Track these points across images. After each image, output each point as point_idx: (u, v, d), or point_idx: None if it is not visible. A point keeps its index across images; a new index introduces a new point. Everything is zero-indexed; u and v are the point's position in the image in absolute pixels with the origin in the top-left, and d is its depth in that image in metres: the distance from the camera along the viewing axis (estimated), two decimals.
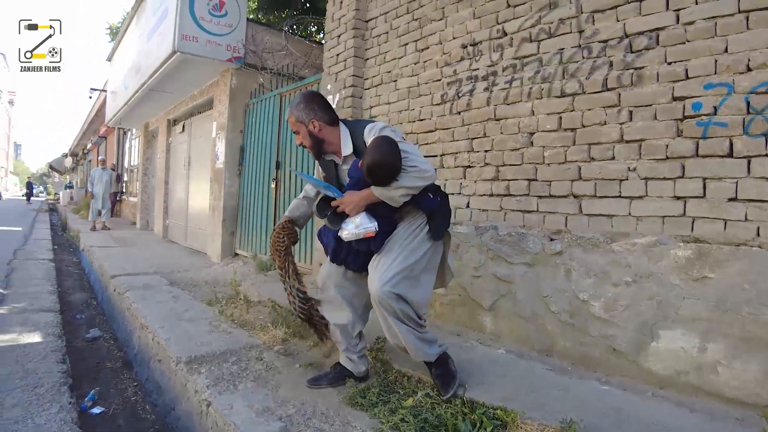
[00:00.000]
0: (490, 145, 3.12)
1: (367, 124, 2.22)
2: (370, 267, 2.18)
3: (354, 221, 2.11)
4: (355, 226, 2.10)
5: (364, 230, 2.09)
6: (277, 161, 5.79)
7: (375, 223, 2.10)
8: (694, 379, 2.15)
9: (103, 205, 10.78)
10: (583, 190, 2.63)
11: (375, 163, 2.00)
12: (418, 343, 2.18)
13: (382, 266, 2.11)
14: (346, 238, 2.14)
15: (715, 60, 2.18)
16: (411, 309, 2.12)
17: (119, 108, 10.32)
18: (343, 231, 2.14)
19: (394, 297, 2.06)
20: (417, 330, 2.17)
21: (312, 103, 2.27)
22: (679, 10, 2.31)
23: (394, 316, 2.11)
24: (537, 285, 2.76)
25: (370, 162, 2.01)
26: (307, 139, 2.29)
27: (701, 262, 2.15)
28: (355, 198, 2.12)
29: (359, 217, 2.11)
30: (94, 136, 21.27)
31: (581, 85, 2.67)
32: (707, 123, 2.19)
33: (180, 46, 5.98)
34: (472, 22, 3.28)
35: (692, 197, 2.23)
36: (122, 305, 4.44)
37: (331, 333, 2.45)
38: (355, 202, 2.12)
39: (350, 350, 2.40)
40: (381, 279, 2.07)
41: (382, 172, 2.01)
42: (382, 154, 2.00)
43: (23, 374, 2.80)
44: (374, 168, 2.01)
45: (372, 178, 2.04)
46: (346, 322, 2.36)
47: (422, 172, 2.04)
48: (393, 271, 2.08)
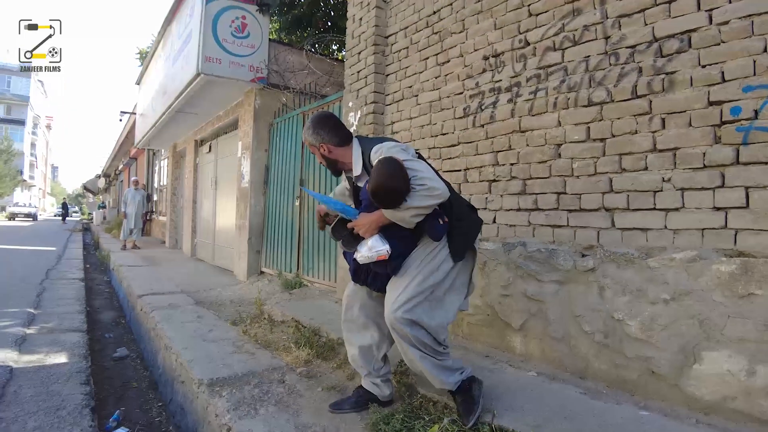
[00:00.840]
0: (515, 158, 3.03)
1: (376, 144, 2.15)
2: (387, 289, 2.11)
3: (367, 244, 2.05)
4: (368, 249, 2.04)
5: (376, 253, 2.01)
6: (301, 179, 5.79)
7: (387, 245, 2.02)
8: (743, 405, 1.99)
9: (134, 225, 10.99)
10: (615, 202, 2.51)
11: (376, 186, 1.94)
12: (435, 370, 2.09)
13: (397, 290, 2.05)
14: (361, 261, 2.08)
15: (753, 60, 2.05)
16: (427, 335, 2.04)
17: (148, 130, 10.56)
18: (358, 254, 2.09)
19: (407, 323, 1.99)
20: (434, 357, 2.08)
21: (318, 128, 2.25)
22: (711, 10, 2.19)
23: (408, 342, 2.04)
24: (569, 304, 2.63)
25: (371, 186, 1.96)
26: (323, 160, 2.32)
27: (747, 277, 2.00)
28: (367, 220, 2.06)
29: (372, 239, 2.04)
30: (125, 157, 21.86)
31: (609, 93, 2.56)
32: (748, 128, 2.06)
33: (204, 68, 6.08)
34: (494, 33, 3.21)
35: (734, 208, 2.08)
36: (148, 325, 4.45)
37: (351, 360, 2.38)
38: (367, 224, 2.06)
39: (373, 374, 2.32)
40: (394, 304, 2.01)
41: (385, 195, 1.95)
42: (382, 177, 1.93)
43: (47, 396, 2.80)
44: (376, 192, 1.95)
45: (377, 202, 1.98)
46: (370, 343, 2.29)
47: (431, 190, 1.94)
48: (407, 294, 2.01)
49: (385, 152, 2.03)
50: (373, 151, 2.11)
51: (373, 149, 2.12)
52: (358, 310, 2.31)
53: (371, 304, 2.30)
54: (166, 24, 8.54)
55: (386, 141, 2.17)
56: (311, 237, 5.54)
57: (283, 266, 6.11)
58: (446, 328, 2.12)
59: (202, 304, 5.02)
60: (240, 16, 6.39)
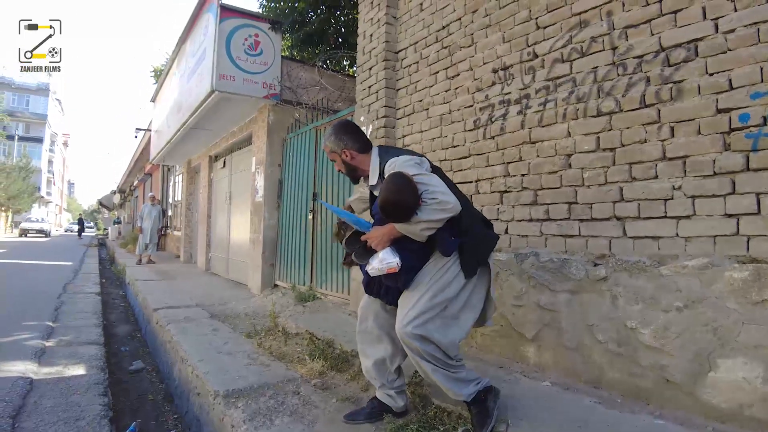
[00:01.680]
0: (526, 168, 3.05)
1: (394, 155, 2.19)
2: (399, 303, 2.14)
3: (378, 256, 2.06)
4: (378, 261, 2.05)
5: (386, 265, 2.03)
6: (314, 193, 5.85)
7: (397, 258, 2.03)
8: (760, 413, 1.97)
9: (150, 240, 11.15)
10: (626, 211, 2.52)
11: (384, 201, 1.98)
12: (449, 382, 2.09)
13: (407, 305, 2.06)
14: (372, 273, 2.10)
15: (761, 67, 2.07)
16: (438, 350, 2.05)
17: (163, 146, 10.73)
18: (369, 266, 2.10)
19: (417, 338, 2.00)
20: (446, 369, 2.08)
21: (341, 133, 2.31)
22: (717, 18, 2.22)
23: (419, 356, 2.05)
24: (582, 313, 2.63)
25: (380, 200, 2.00)
26: (343, 167, 2.36)
27: (760, 283, 1.99)
28: (379, 233, 2.09)
29: (383, 252, 2.06)
30: (140, 173, 22.18)
31: (618, 103, 2.58)
32: (757, 134, 2.07)
33: (218, 85, 6.20)
34: (502, 46, 3.26)
35: (746, 214, 2.09)
36: (164, 338, 4.50)
37: (365, 371, 2.38)
38: (379, 236, 2.08)
39: (387, 386, 2.32)
40: (404, 318, 2.03)
41: (393, 210, 1.98)
42: (390, 192, 1.97)
43: (66, 407, 2.86)
44: (385, 206, 1.99)
45: (385, 216, 2.02)
46: (383, 356, 2.30)
47: (443, 204, 1.97)
48: (418, 310, 2.02)
49: (398, 167, 2.07)
50: (387, 164, 2.15)
51: (388, 162, 2.15)
52: (372, 322, 2.33)
53: (385, 317, 2.31)
54: (180, 43, 8.73)
55: (403, 154, 2.20)
56: (324, 250, 5.58)
57: (297, 279, 6.15)
58: (458, 344, 2.12)
59: (216, 317, 5.06)
60: (253, 34, 6.52)
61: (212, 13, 6.51)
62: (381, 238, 2.07)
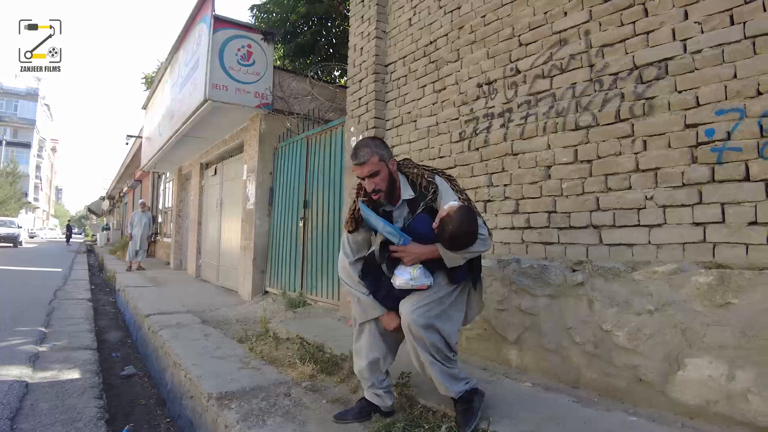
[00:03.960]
0: (508, 179, 3.19)
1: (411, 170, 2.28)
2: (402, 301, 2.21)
3: (411, 273, 2.13)
4: (411, 278, 2.13)
5: (419, 284, 2.12)
6: (304, 201, 5.96)
7: (431, 279, 2.15)
8: (725, 409, 2.11)
9: (140, 246, 11.15)
10: (602, 220, 2.66)
11: (464, 233, 2.05)
12: (443, 377, 2.19)
13: (412, 296, 2.17)
14: (398, 287, 2.17)
15: (725, 86, 2.22)
16: (441, 339, 2.15)
17: (154, 153, 10.78)
18: (396, 279, 2.16)
19: (424, 326, 2.09)
20: (443, 363, 2.18)
21: (381, 144, 2.27)
22: (685, 39, 2.38)
23: (422, 346, 2.13)
24: (561, 317, 2.76)
25: (457, 231, 2.05)
26: (385, 182, 2.22)
27: (724, 287, 2.13)
28: (418, 251, 2.15)
29: (417, 269, 2.14)
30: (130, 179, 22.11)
31: (595, 117, 2.73)
32: (721, 148, 2.22)
33: (211, 94, 6.31)
34: (487, 62, 3.41)
35: (712, 223, 2.23)
36: (156, 343, 4.55)
37: (358, 371, 2.44)
38: (417, 255, 2.15)
39: (376, 386, 2.41)
40: (413, 306, 2.11)
41: (464, 239, 2.07)
42: (470, 225, 2.06)
43: (63, 409, 2.92)
44: (461, 238, 2.06)
45: (453, 245, 2.09)
46: (378, 357, 2.36)
47: (486, 239, 2.13)
48: (425, 300, 2.13)
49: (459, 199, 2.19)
50: (443, 191, 2.22)
51: (443, 188, 2.23)
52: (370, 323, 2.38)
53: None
54: (173, 52, 8.82)
55: (433, 175, 2.28)
56: (315, 257, 5.68)
57: (287, 286, 6.24)
58: (456, 334, 2.25)
59: (208, 323, 5.12)
60: (246, 45, 6.64)
61: (206, 24, 6.63)
62: (419, 257, 2.15)
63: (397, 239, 2.15)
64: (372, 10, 4.57)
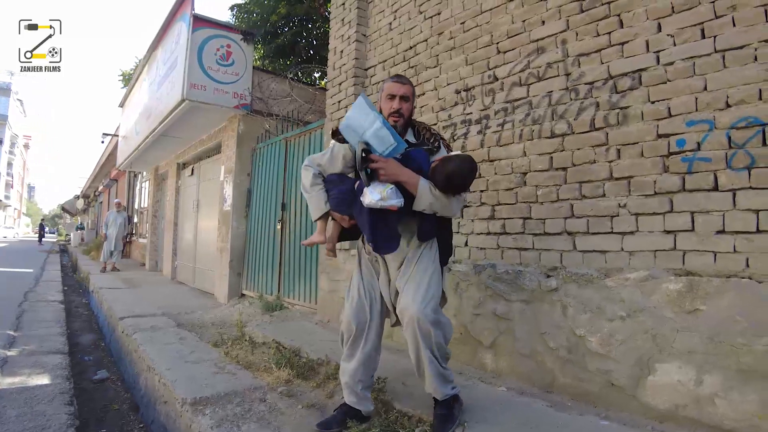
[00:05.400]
0: (485, 185, 3.22)
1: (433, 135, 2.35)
2: (405, 282, 2.18)
3: (381, 192, 2.05)
4: (380, 198, 2.04)
5: (389, 204, 2.05)
6: (282, 203, 5.92)
7: (402, 200, 2.07)
8: (693, 413, 2.16)
9: (115, 247, 10.95)
10: (576, 227, 2.71)
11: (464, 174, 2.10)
12: (437, 377, 2.19)
13: (420, 286, 2.13)
14: (366, 205, 2.09)
15: (695, 98, 2.28)
16: (443, 336, 2.15)
17: (131, 152, 10.60)
18: (366, 197, 2.08)
19: (433, 322, 2.08)
20: (441, 363, 2.19)
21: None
22: (658, 51, 2.43)
23: (427, 342, 2.10)
24: (535, 322, 2.80)
25: (459, 169, 2.08)
26: (407, 114, 2.29)
27: (692, 294, 2.19)
28: (398, 170, 2.09)
29: (388, 189, 2.06)
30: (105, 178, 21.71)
31: (570, 125, 2.77)
32: (692, 158, 2.27)
33: (189, 94, 6.23)
34: (465, 69, 3.44)
35: (682, 231, 2.29)
36: (130, 347, 4.47)
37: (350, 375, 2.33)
38: (395, 174, 2.09)
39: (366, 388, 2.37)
40: (423, 300, 2.08)
41: (459, 184, 2.11)
42: (472, 171, 2.12)
43: (32, 416, 2.84)
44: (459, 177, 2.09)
45: (445, 182, 2.08)
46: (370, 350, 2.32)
47: (461, 204, 2.23)
48: (432, 292, 2.13)
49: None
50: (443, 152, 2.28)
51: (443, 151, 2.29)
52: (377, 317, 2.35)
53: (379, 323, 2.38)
54: (151, 49, 8.68)
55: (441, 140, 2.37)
56: (292, 260, 5.64)
57: (264, 289, 6.19)
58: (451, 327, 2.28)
59: (183, 326, 5.05)
60: (225, 45, 6.58)
61: (185, 23, 6.55)
62: (396, 175, 2.09)
63: (386, 146, 2.07)
64: (352, 14, 4.57)
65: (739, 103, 2.14)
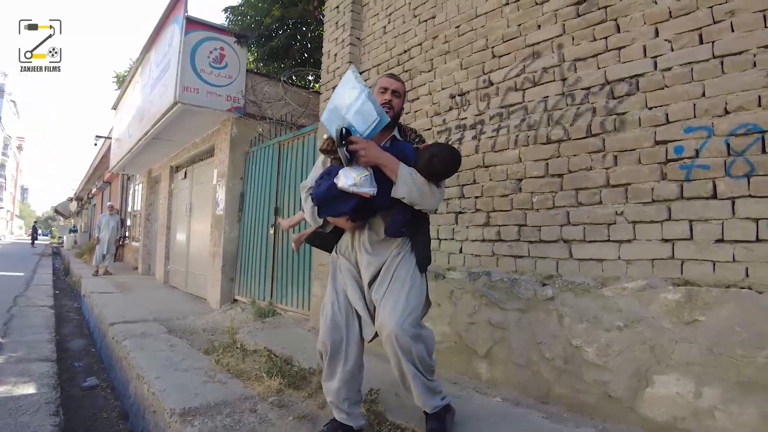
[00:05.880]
0: (480, 191, 3.18)
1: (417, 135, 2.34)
2: (379, 303, 2.09)
3: (356, 178, 1.94)
4: (354, 183, 1.94)
5: (362, 191, 1.94)
6: (275, 208, 5.86)
7: (375, 188, 1.96)
8: (692, 425, 2.11)
9: (107, 251, 10.85)
10: (572, 234, 2.66)
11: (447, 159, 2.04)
12: (423, 390, 2.12)
13: (398, 300, 2.04)
14: (340, 187, 1.97)
15: (693, 104, 2.24)
16: (425, 348, 2.07)
17: (123, 155, 10.52)
18: (340, 179, 1.97)
19: (413, 336, 2.00)
20: (425, 375, 2.11)
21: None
22: (656, 57, 2.39)
23: (408, 358, 2.03)
24: (531, 331, 2.75)
25: (441, 153, 2.03)
26: (397, 108, 2.28)
27: (691, 305, 2.15)
28: (379, 153, 2.02)
29: (362, 176, 1.94)
30: (98, 181, 21.54)
31: (566, 131, 2.73)
32: (690, 166, 2.23)
33: (181, 97, 6.16)
34: (460, 73, 3.39)
35: (680, 239, 2.25)
36: (119, 354, 4.40)
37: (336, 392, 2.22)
38: (375, 157, 2.00)
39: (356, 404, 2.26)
40: (401, 316, 1.99)
41: (441, 169, 2.05)
42: (455, 158, 2.07)
43: (15, 427, 2.77)
44: (442, 162, 2.04)
45: (430, 166, 2.02)
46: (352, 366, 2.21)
47: (441, 198, 2.14)
48: (411, 304, 2.04)
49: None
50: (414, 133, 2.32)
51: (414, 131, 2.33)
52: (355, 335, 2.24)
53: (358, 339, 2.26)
54: (144, 51, 8.62)
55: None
56: (285, 265, 5.58)
57: (257, 294, 6.12)
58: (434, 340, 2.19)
59: (174, 332, 4.98)
60: (218, 47, 6.52)
61: (178, 25, 6.49)
62: (375, 159, 2.00)
63: (369, 123, 1.96)
64: (346, 17, 4.52)
65: (738, 110, 2.10)
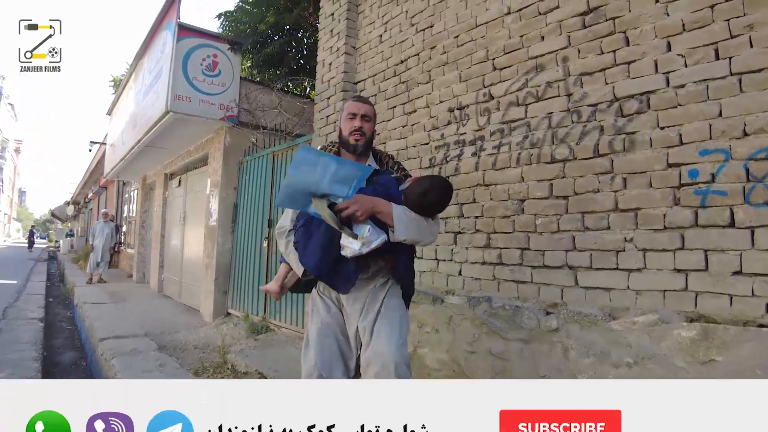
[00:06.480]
0: (480, 211, 3.02)
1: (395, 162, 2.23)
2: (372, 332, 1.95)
3: (362, 238, 1.79)
4: (362, 243, 1.79)
5: (375, 246, 1.80)
6: (269, 220, 5.69)
7: (384, 234, 1.83)
8: None
9: (102, 258, 10.68)
10: (578, 261, 2.50)
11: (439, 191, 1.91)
12: None
13: (393, 330, 1.94)
14: (350, 256, 1.82)
15: (709, 124, 2.08)
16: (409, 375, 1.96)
17: (117, 162, 10.37)
18: (346, 248, 1.82)
19: (408, 364, 1.92)
20: None
21: None
22: (668, 72, 2.24)
23: None
24: (534, 363, 2.58)
25: (432, 187, 1.89)
26: (369, 134, 2.09)
27: (707, 343, 1.98)
28: (371, 201, 1.87)
29: (366, 232, 1.80)
30: (95, 186, 21.39)
31: (572, 150, 2.57)
32: (705, 191, 2.08)
33: (173, 105, 6.02)
34: (459, 86, 3.24)
35: (694, 270, 2.09)
36: (108, 373, 4.27)
37: None
38: (370, 204, 1.85)
39: None
40: (395, 346, 1.89)
41: (435, 201, 1.91)
42: (447, 190, 1.93)
43: None
44: (435, 194, 1.90)
45: (422, 202, 1.88)
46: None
47: (437, 229, 2.02)
48: (403, 335, 1.96)
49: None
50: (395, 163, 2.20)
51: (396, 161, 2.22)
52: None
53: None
54: (138, 57, 8.47)
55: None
56: None
57: (250, 308, 5.95)
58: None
59: (165, 349, 4.83)
60: (211, 55, 6.38)
61: (170, 31, 6.35)
62: (373, 207, 1.86)
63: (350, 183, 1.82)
64: (342, 25, 4.37)
65: (758, 132, 1.95)
